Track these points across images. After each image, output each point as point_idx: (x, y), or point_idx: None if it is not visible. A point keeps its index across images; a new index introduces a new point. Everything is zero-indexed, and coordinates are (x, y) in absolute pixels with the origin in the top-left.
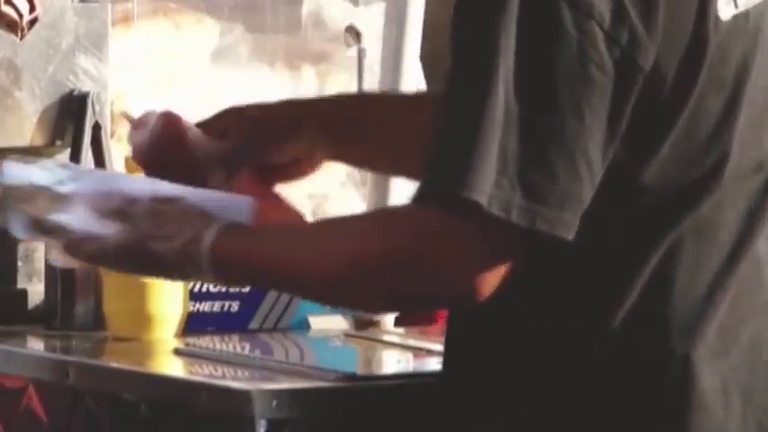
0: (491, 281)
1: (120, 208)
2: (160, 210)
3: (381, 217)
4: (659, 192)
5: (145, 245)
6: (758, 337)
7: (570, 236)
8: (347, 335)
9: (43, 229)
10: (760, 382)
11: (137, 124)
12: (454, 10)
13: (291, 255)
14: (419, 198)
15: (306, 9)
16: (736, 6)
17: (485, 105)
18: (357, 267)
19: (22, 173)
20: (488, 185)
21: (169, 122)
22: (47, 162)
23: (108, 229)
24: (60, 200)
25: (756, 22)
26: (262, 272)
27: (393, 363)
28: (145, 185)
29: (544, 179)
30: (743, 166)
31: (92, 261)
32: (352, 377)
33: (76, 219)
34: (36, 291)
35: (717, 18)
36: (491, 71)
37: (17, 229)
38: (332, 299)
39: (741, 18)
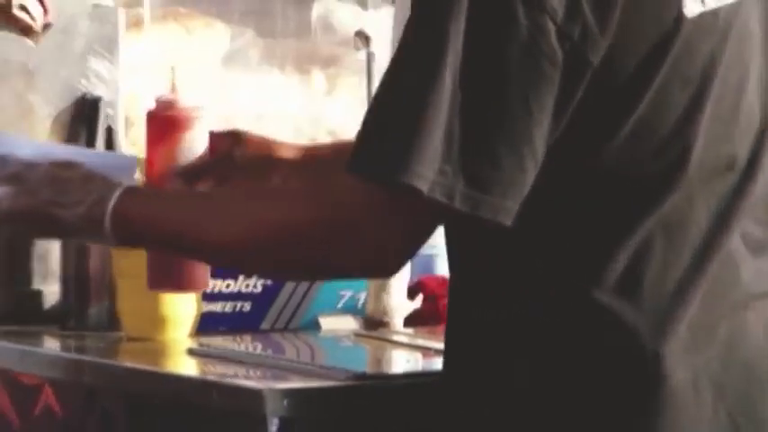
0: (412, 257)
1: (16, 172)
2: (61, 175)
3: (314, 187)
4: (621, 183)
5: (45, 210)
6: (735, 333)
7: (510, 222)
8: (357, 335)
9: None
10: (733, 378)
11: None
12: None
13: (200, 219)
14: (357, 171)
15: (315, 13)
16: (703, 4)
17: (431, 89)
18: (284, 234)
19: None
20: (432, 172)
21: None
22: None
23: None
24: None
25: (727, 20)
26: (166, 235)
27: (402, 362)
28: (36, 150)
29: (488, 167)
30: (711, 162)
31: None
32: (362, 376)
33: None
34: (51, 291)
35: (682, 14)
36: (439, 56)
37: None
38: (245, 264)
39: (709, 16)
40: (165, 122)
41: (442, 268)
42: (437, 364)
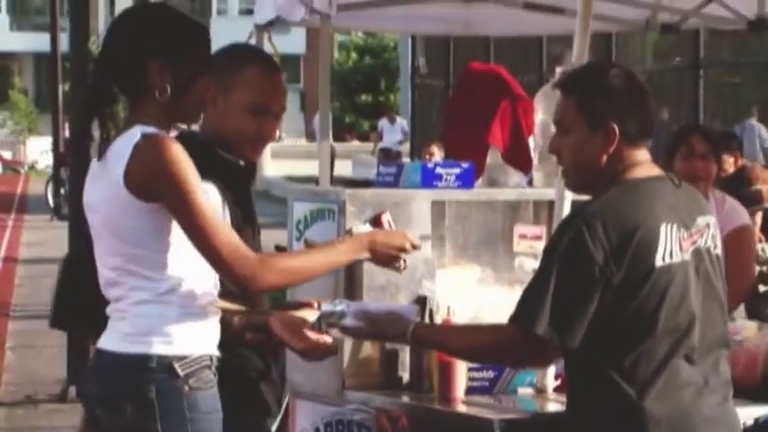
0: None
1: (372, 317)
2: (389, 317)
3: (496, 328)
4: (629, 334)
5: (381, 333)
6: (678, 401)
7: (576, 345)
8: (533, 396)
9: (334, 325)
10: (678, 419)
11: None
12: (543, 250)
13: (449, 340)
14: (515, 322)
15: (517, 263)
16: (664, 261)
17: (546, 291)
18: (482, 350)
19: (328, 307)
20: (544, 326)
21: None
22: (336, 300)
23: (360, 325)
24: (342, 314)
25: (676, 268)
26: (436, 346)
27: (553, 407)
28: (376, 306)
29: (569, 324)
30: (668, 328)
31: (353, 337)
32: (536, 414)
33: (348, 321)
34: (405, 378)
35: (654, 265)
36: (548, 281)
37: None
38: (472, 360)
39: (668, 266)
40: None
41: None
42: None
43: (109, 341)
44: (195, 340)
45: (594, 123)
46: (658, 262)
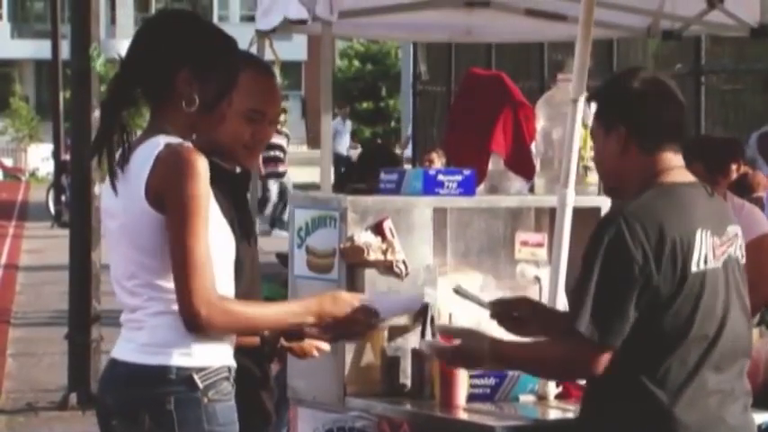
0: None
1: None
2: (470, 334)
3: (559, 342)
4: (662, 339)
5: (470, 352)
6: (706, 407)
7: (618, 344)
8: (534, 403)
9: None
10: (706, 424)
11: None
12: (584, 250)
13: (524, 355)
14: (571, 335)
15: (518, 269)
16: (698, 267)
17: (587, 294)
18: (551, 362)
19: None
20: (585, 323)
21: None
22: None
23: (447, 347)
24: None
25: (707, 274)
26: (511, 365)
27: (553, 414)
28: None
29: (611, 325)
30: (699, 334)
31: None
32: (536, 420)
33: (436, 341)
34: (407, 385)
35: (689, 271)
36: (589, 280)
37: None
38: (543, 375)
39: (701, 272)
40: None
41: None
42: (568, 414)
43: (125, 352)
44: (214, 352)
45: (608, 126)
46: (693, 267)
